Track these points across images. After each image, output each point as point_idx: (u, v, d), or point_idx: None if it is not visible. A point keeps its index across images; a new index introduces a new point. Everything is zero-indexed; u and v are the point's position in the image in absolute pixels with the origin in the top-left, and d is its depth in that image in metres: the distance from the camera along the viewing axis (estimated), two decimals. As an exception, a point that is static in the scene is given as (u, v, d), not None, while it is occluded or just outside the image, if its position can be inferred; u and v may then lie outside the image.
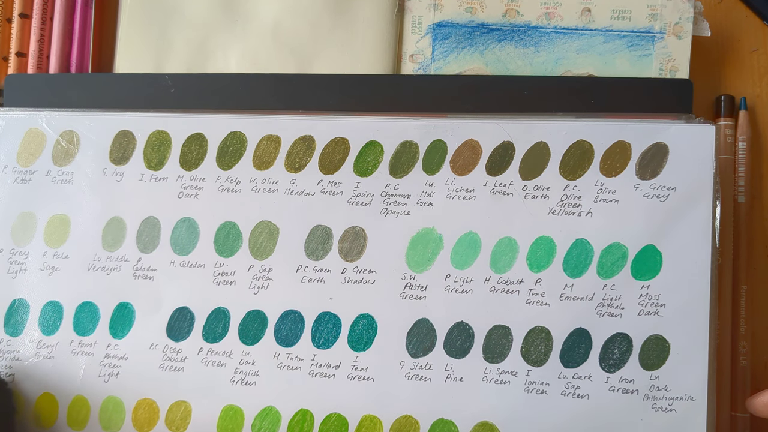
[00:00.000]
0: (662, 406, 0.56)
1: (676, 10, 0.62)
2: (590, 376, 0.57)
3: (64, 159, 0.62)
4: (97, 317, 0.60)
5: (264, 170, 0.60)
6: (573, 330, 0.57)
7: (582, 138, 0.58)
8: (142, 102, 0.63)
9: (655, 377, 0.56)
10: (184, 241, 0.60)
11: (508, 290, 0.58)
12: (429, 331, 0.58)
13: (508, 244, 0.58)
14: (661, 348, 0.56)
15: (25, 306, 0.61)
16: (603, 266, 0.57)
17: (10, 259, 0.61)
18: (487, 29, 0.64)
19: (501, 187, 0.58)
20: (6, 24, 0.67)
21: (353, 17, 0.65)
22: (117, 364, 0.60)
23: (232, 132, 0.61)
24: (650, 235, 0.57)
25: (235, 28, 0.66)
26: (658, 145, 0.58)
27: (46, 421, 0.60)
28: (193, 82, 0.63)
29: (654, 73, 0.62)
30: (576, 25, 0.63)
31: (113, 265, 0.61)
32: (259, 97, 0.62)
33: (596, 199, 0.58)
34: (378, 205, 0.59)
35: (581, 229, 0.58)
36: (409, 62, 0.65)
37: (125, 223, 0.61)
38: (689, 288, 0.56)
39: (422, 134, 0.59)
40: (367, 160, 0.60)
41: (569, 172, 0.58)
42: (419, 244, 0.59)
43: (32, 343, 0.60)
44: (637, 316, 0.57)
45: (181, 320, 0.60)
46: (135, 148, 0.61)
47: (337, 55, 0.65)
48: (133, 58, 0.66)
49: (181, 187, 0.61)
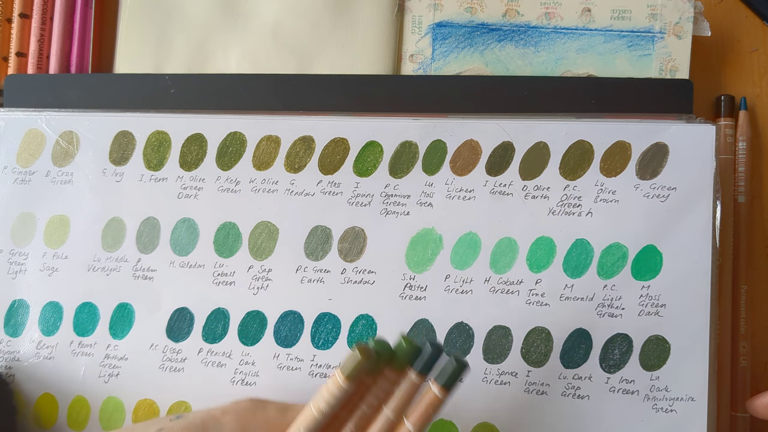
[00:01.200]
0: (663, 406, 0.56)
1: (676, 10, 0.62)
2: (590, 377, 0.57)
3: (64, 159, 0.62)
4: (97, 318, 0.60)
5: (264, 170, 0.60)
6: (573, 330, 0.57)
7: (582, 138, 0.58)
8: (142, 102, 0.63)
9: (656, 378, 0.56)
10: (183, 241, 0.60)
11: (508, 290, 0.58)
12: (429, 332, 0.58)
13: (508, 244, 0.58)
14: (661, 348, 0.56)
15: (25, 306, 0.61)
16: (603, 266, 0.57)
17: (10, 259, 0.61)
18: (487, 29, 0.64)
19: (501, 187, 0.58)
20: (6, 24, 0.67)
21: (353, 17, 0.65)
22: (117, 365, 0.60)
23: (232, 132, 0.61)
24: (650, 236, 0.57)
25: (235, 28, 0.66)
26: (658, 145, 0.58)
27: (46, 421, 0.60)
28: (193, 82, 0.63)
29: (654, 73, 0.62)
30: (576, 25, 0.63)
31: (113, 266, 0.61)
32: (258, 98, 0.62)
33: (596, 199, 0.58)
34: (378, 206, 0.59)
35: (581, 230, 0.58)
36: (409, 62, 0.65)
37: (125, 223, 0.61)
38: (690, 288, 0.56)
39: (422, 134, 0.59)
40: (367, 161, 0.60)
41: (569, 172, 0.58)
42: (419, 244, 0.59)
43: (32, 343, 0.60)
44: (637, 317, 0.57)
45: (181, 321, 0.60)
46: (135, 148, 0.61)
47: (337, 55, 0.65)
48: (133, 58, 0.66)
49: (180, 188, 0.61)
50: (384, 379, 0.43)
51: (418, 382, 0.42)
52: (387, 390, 0.43)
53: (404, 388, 0.42)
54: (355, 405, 0.43)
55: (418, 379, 0.42)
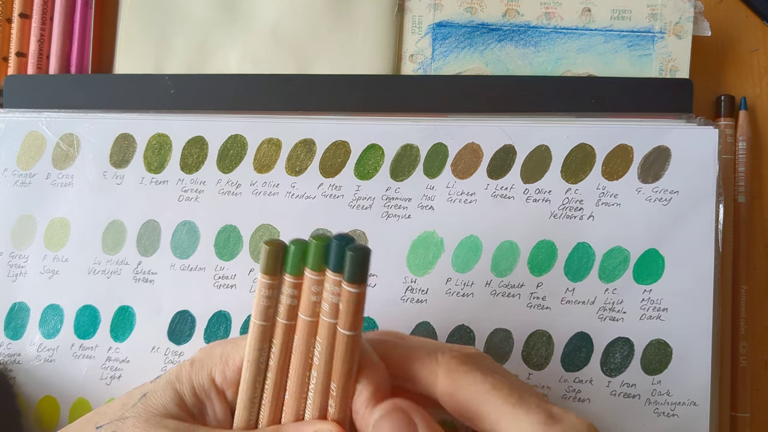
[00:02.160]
0: (664, 411, 0.56)
1: (677, 9, 0.62)
2: (591, 381, 0.57)
3: (64, 162, 0.62)
4: (98, 320, 0.60)
5: (264, 173, 0.60)
6: (574, 334, 0.57)
7: (583, 141, 0.58)
8: (143, 103, 0.63)
9: (657, 382, 0.56)
10: (184, 244, 0.60)
11: (509, 294, 0.58)
12: (430, 335, 0.58)
13: (509, 247, 0.58)
14: (663, 352, 0.56)
15: (25, 309, 0.61)
16: (604, 270, 0.57)
17: (10, 262, 0.61)
18: (487, 29, 0.64)
19: (502, 190, 0.58)
20: (6, 24, 0.67)
21: (353, 17, 0.65)
22: (119, 367, 0.60)
23: (233, 135, 0.61)
24: (652, 239, 0.57)
25: (236, 28, 0.65)
26: (661, 148, 0.58)
27: (47, 424, 0.60)
28: (194, 83, 0.63)
29: (654, 72, 0.62)
30: (576, 25, 0.63)
31: (113, 269, 0.61)
32: (259, 99, 0.62)
33: (598, 203, 0.58)
34: (379, 209, 0.59)
35: (583, 233, 0.58)
36: (409, 62, 0.65)
37: (125, 226, 0.61)
38: (692, 292, 0.56)
39: (423, 137, 0.59)
40: (368, 164, 0.60)
41: (571, 176, 0.58)
42: (420, 247, 0.59)
43: (33, 346, 0.60)
44: (638, 320, 0.57)
45: (182, 323, 0.60)
46: (135, 151, 0.61)
47: (337, 55, 0.65)
48: (133, 58, 0.66)
49: (181, 191, 0.61)
50: (313, 283, 0.42)
51: (338, 279, 0.41)
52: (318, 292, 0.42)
53: (327, 288, 0.41)
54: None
55: (337, 277, 0.41)
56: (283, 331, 0.42)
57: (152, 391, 0.44)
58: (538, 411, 0.39)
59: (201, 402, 0.44)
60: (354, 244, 0.40)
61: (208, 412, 0.44)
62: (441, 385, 0.41)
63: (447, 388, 0.41)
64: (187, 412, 0.43)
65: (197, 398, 0.44)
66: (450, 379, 0.41)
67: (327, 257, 0.40)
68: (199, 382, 0.44)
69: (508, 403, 0.39)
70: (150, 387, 0.44)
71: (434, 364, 0.42)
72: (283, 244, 0.41)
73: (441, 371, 0.42)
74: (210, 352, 0.45)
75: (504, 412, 0.39)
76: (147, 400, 0.43)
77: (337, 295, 0.40)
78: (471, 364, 0.42)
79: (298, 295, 0.41)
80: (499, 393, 0.40)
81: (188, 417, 0.43)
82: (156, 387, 0.44)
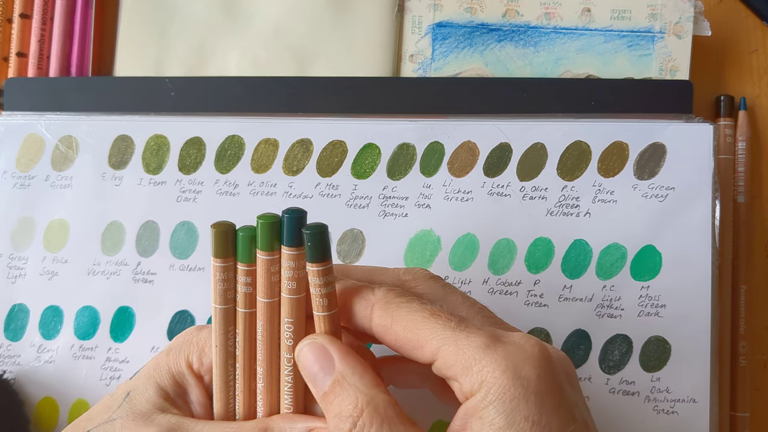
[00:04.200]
0: (663, 408, 0.56)
1: (676, 9, 0.62)
2: (590, 378, 0.57)
3: (63, 164, 0.62)
4: (98, 321, 0.60)
5: (262, 173, 0.60)
6: (572, 331, 0.57)
7: (579, 138, 0.58)
8: (143, 105, 0.63)
9: (656, 379, 0.56)
10: (183, 244, 0.60)
11: (507, 291, 0.58)
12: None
13: (506, 245, 0.58)
14: (661, 349, 0.56)
15: (24, 311, 0.61)
16: (602, 267, 0.57)
17: (10, 264, 0.61)
18: (486, 29, 0.64)
19: (499, 188, 0.58)
20: (6, 24, 0.67)
21: (353, 17, 0.65)
22: (119, 368, 0.60)
23: (230, 136, 0.61)
24: (649, 236, 0.57)
25: (236, 29, 0.66)
26: (656, 145, 0.58)
27: (47, 425, 0.60)
28: (194, 85, 0.63)
29: (654, 72, 0.62)
30: (576, 25, 0.63)
31: (113, 270, 0.61)
32: (258, 100, 0.62)
33: (594, 200, 0.58)
34: (376, 208, 0.59)
35: (579, 230, 0.58)
36: (409, 62, 0.65)
37: (124, 227, 0.61)
38: (690, 288, 0.56)
39: (419, 136, 0.59)
40: (365, 163, 0.60)
41: (567, 173, 0.58)
42: (417, 246, 0.59)
43: (33, 347, 0.60)
44: (637, 317, 0.57)
45: (182, 323, 0.60)
46: (134, 152, 0.61)
47: (337, 55, 0.65)
48: (134, 59, 0.66)
49: (179, 191, 0.61)
50: (271, 264, 0.41)
51: (297, 253, 0.40)
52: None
53: (285, 266, 0.40)
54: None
55: (297, 252, 0.40)
56: (243, 319, 0.42)
57: (135, 388, 0.44)
58: (479, 333, 0.37)
59: (183, 388, 0.44)
60: (309, 224, 0.39)
61: (192, 399, 0.44)
62: (376, 318, 0.40)
63: (382, 320, 0.40)
64: (172, 401, 0.43)
65: (179, 386, 0.44)
66: (385, 311, 0.40)
67: (280, 234, 0.40)
68: (178, 370, 0.44)
69: (448, 328, 0.38)
70: (132, 384, 0.44)
71: (370, 298, 0.41)
72: (232, 225, 0.41)
73: (377, 305, 0.40)
74: (185, 339, 0.45)
75: (444, 338, 0.37)
76: (131, 398, 0.43)
77: (301, 270, 0.40)
78: (408, 296, 0.40)
79: (253, 282, 0.41)
80: (438, 319, 0.38)
81: (174, 406, 0.43)
82: (137, 384, 0.44)
